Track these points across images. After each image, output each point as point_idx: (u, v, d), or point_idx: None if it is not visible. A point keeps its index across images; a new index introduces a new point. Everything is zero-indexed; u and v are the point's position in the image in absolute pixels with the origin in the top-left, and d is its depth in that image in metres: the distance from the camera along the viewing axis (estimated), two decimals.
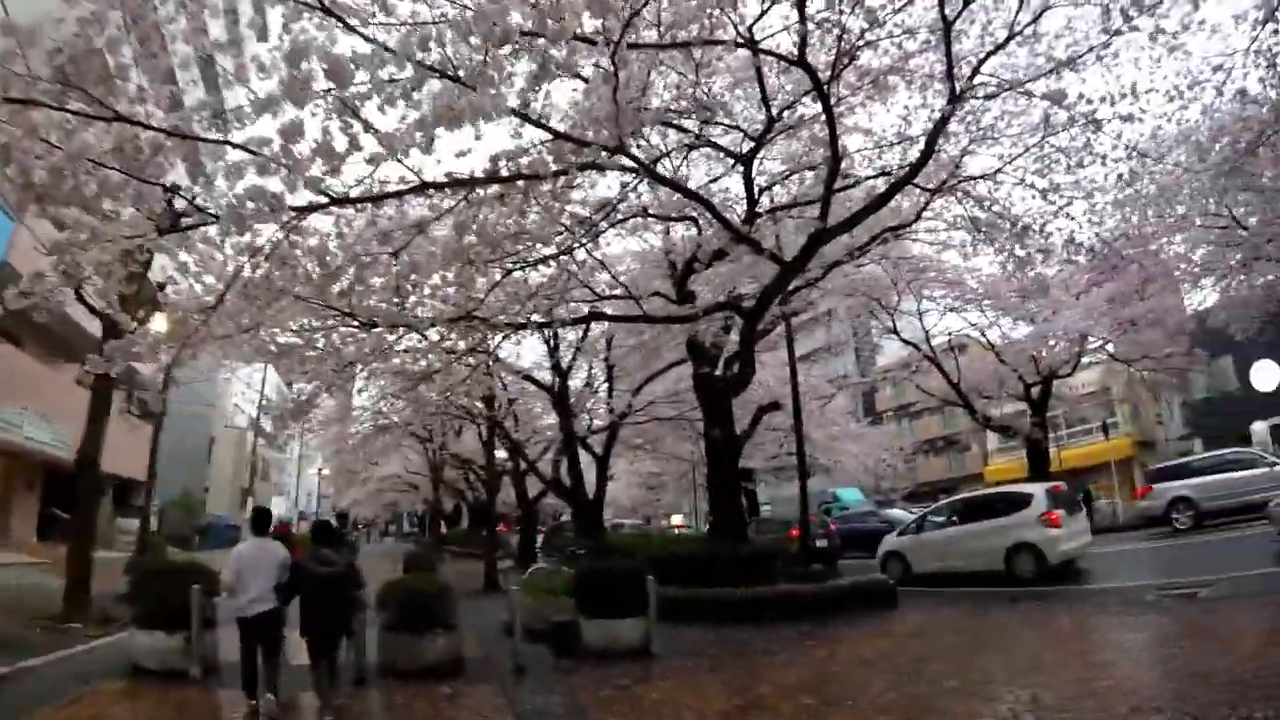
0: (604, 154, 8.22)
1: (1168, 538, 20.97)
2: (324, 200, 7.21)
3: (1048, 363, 27.23)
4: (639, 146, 9.92)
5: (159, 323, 11.82)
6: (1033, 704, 7.43)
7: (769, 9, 10.03)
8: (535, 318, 12.43)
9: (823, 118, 11.20)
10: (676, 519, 59.85)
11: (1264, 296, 21.25)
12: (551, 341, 23.47)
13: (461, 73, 6.06)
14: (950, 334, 29.30)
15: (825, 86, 10.25)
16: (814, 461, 38.55)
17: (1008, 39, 10.86)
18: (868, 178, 14.07)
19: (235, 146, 6.58)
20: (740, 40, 9.70)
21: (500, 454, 34.65)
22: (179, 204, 7.00)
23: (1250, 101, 13.28)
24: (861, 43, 11.00)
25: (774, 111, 11.45)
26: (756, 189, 13.82)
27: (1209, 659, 8.52)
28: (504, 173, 7.79)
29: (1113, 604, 13.28)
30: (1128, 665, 8.85)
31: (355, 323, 10.13)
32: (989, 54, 11.08)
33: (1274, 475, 20.01)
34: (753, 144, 12.01)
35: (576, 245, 12.02)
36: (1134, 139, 12.86)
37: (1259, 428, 30.15)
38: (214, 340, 8.72)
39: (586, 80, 8.74)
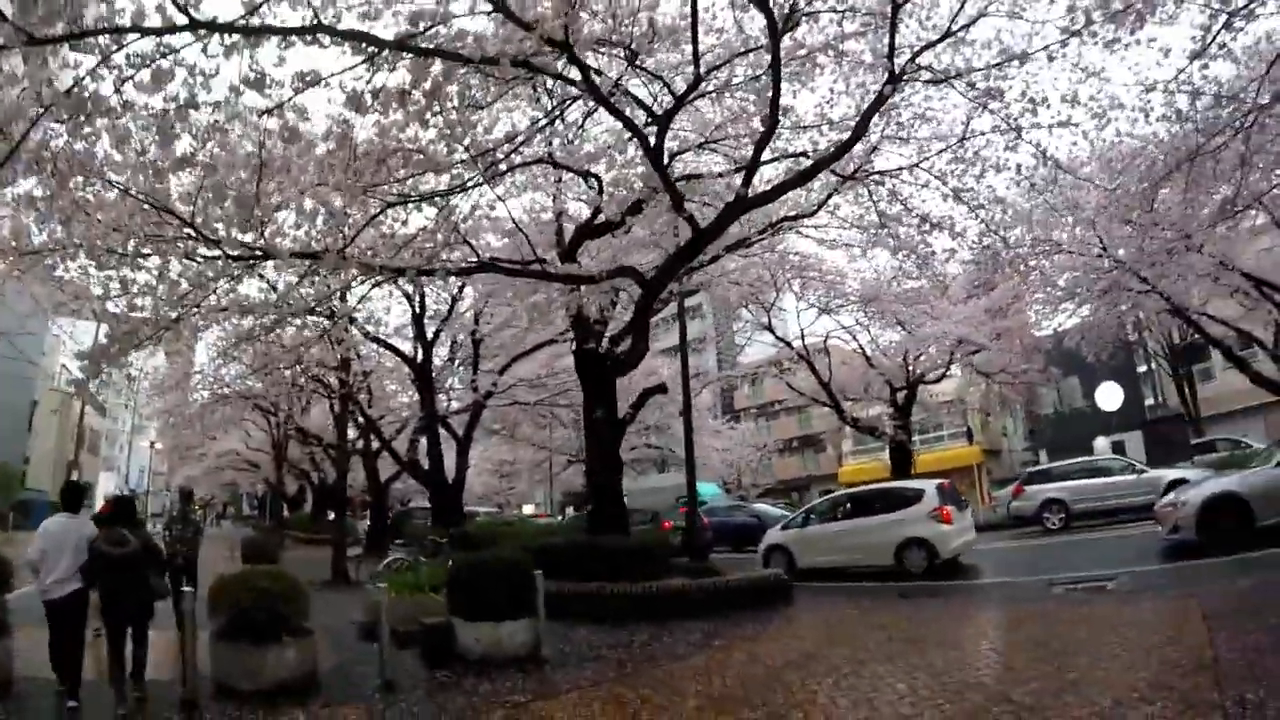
0: (547, 50, 6.88)
1: (1040, 537, 21.47)
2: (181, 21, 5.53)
3: (918, 369, 28.20)
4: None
5: None
6: (1030, 700, 6.68)
7: None
8: (415, 265, 10.92)
9: (762, 79, 10.34)
10: (528, 508, 58.75)
11: (1118, 324, 23.69)
12: (418, 306, 21.78)
13: None
14: (825, 335, 29.47)
15: (779, 35, 9.22)
16: (671, 455, 38.35)
17: (949, 32, 10.24)
18: (790, 155, 13.21)
19: None
20: None
21: (351, 432, 33.13)
22: None
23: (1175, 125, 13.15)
24: (807, 8, 10.12)
25: (702, 70, 10.36)
26: (668, 153, 12.78)
27: (1164, 647, 8.03)
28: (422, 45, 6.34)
29: (1023, 597, 13.22)
30: (1084, 656, 8.01)
31: (197, 241, 8.36)
32: (931, 44, 10.45)
33: (1139, 482, 21.39)
34: (674, 101, 10.90)
35: (471, 184, 10.62)
36: (1053, 149, 12.47)
37: (1101, 443, 32.26)
38: None
39: None
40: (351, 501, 44.76)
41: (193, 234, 8.08)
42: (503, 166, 10.81)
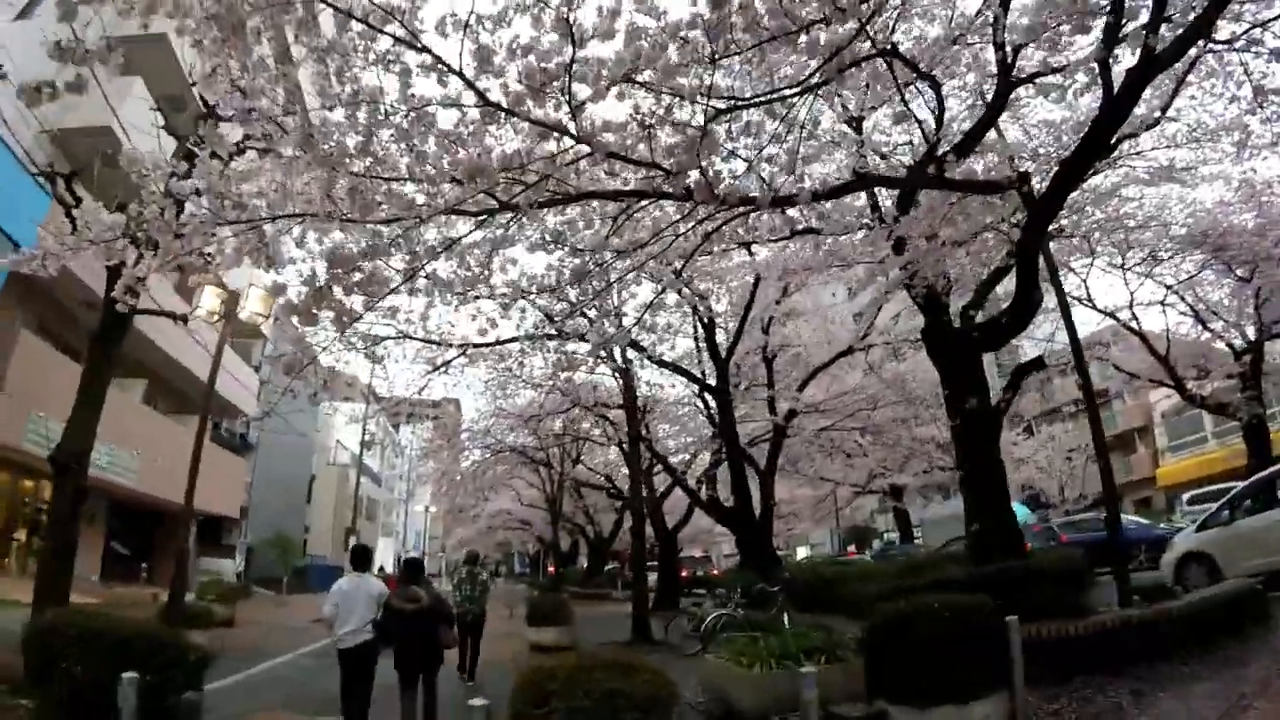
0: None
1: None
2: None
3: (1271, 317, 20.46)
4: None
5: None
6: None
7: None
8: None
9: None
10: (802, 551, 54.54)
11: None
12: (705, 317, 18.67)
13: None
14: (1129, 301, 21.85)
15: None
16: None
17: None
18: None
19: None
20: None
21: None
22: None
23: None
24: None
25: None
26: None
27: None
28: None
29: None
30: None
31: None
32: None
33: None
34: None
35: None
36: None
37: None
38: None
39: None
40: (619, 554, 43.20)
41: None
42: None
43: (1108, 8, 6.67)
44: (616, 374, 18.17)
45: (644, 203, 8.06)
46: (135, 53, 8.93)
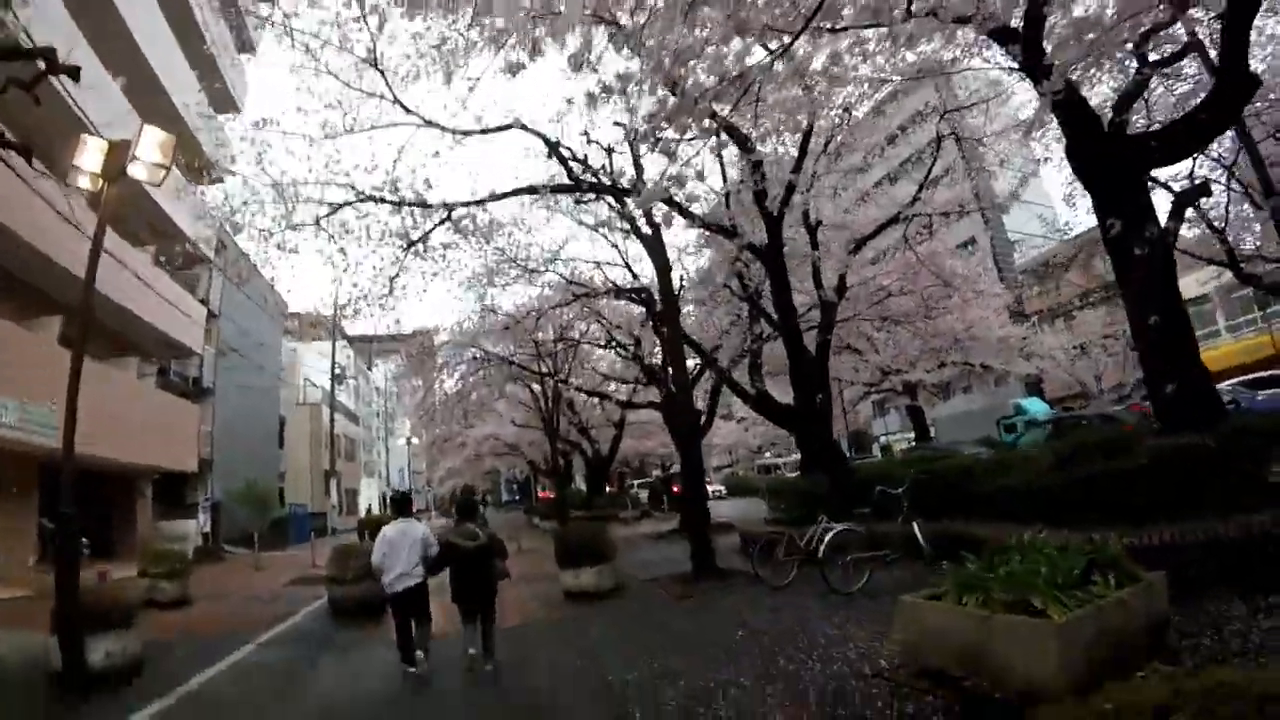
0: None
1: None
2: None
3: None
4: None
5: None
6: None
7: None
8: None
9: None
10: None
11: None
12: (750, 163, 14.94)
13: None
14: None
15: None
16: (975, 371, 30.43)
17: None
18: None
19: None
20: None
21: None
22: None
23: None
24: None
25: None
26: None
27: None
28: None
29: None
30: None
31: None
32: None
33: None
34: None
35: None
36: None
37: None
38: None
39: None
40: (610, 475, 40.79)
41: None
42: None
43: None
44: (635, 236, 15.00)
45: None
46: None
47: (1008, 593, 5.04)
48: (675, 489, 36.94)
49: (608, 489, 41.40)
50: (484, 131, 13.03)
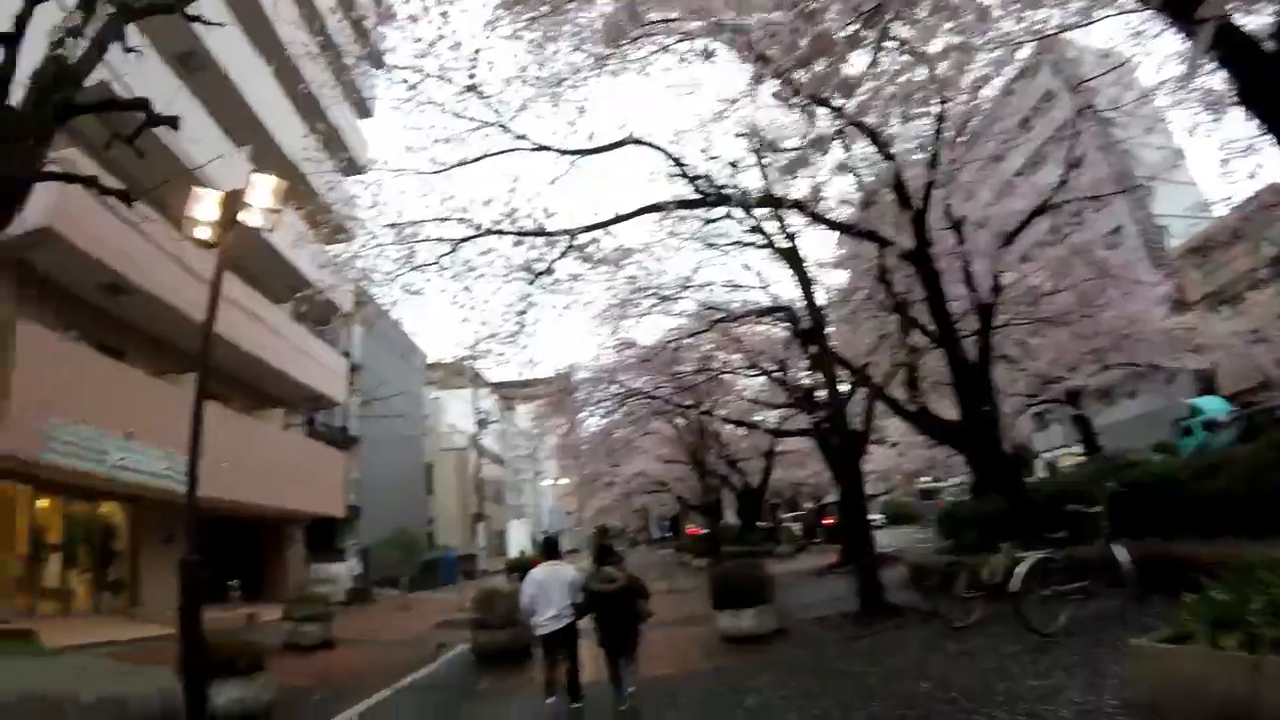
0: None
1: None
2: None
3: None
4: None
5: None
6: None
7: None
8: None
9: None
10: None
11: None
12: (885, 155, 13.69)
13: None
14: None
15: None
16: (1140, 372, 27.86)
17: None
18: None
19: None
20: None
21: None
22: None
23: None
24: None
25: None
26: None
27: None
28: None
29: None
30: None
31: None
32: None
33: None
34: None
35: None
36: None
37: None
38: None
39: None
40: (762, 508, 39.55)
41: None
42: None
43: None
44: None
45: None
46: None
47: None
48: (828, 521, 35.40)
49: (759, 523, 40.01)
50: (597, 150, 12.40)
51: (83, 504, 19.93)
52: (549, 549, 9.41)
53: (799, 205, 11.98)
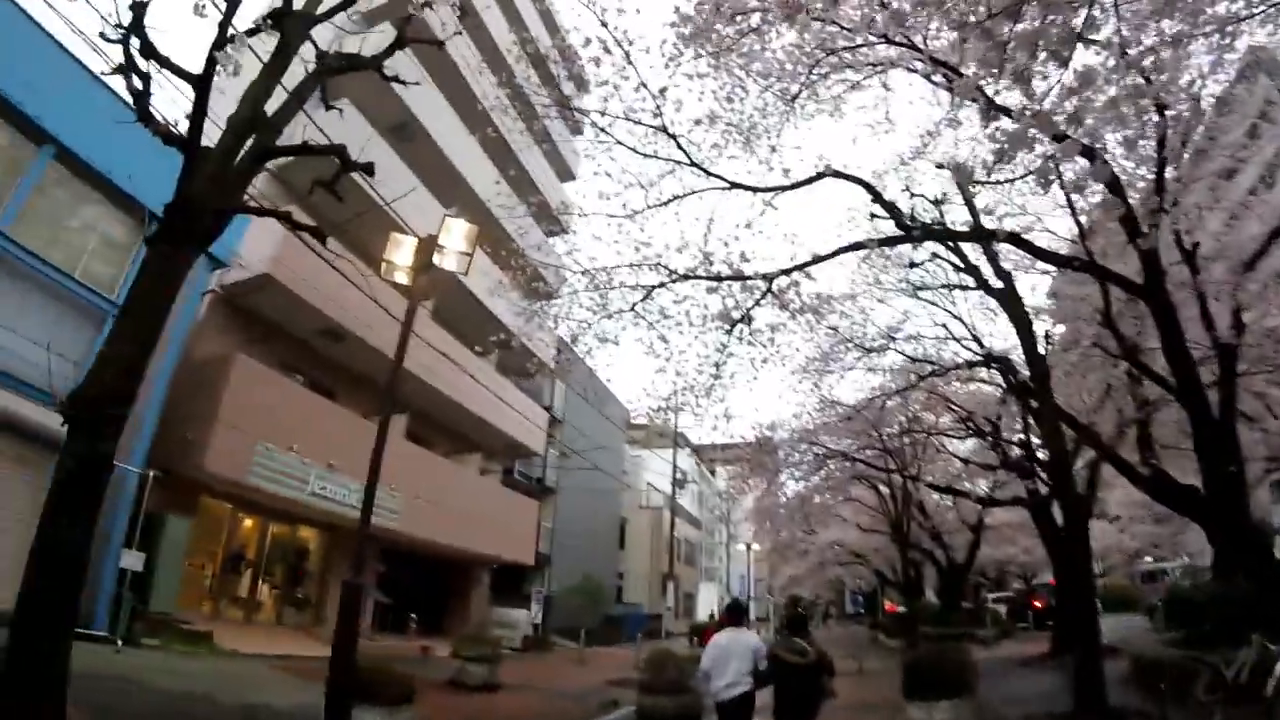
0: None
1: None
2: None
3: None
4: None
5: None
6: None
7: None
8: None
9: None
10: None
11: None
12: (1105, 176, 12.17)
13: None
14: None
15: None
16: None
17: None
18: None
19: None
20: None
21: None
22: None
23: None
24: None
25: None
26: None
27: None
28: None
29: None
30: None
31: None
32: None
33: None
34: None
35: None
36: None
37: None
38: None
39: None
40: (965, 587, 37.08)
41: None
42: None
43: None
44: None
45: None
46: None
47: None
48: (1038, 604, 32.89)
49: (963, 603, 37.38)
50: (793, 186, 11.77)
51: (282, 525, 22.07)
52: (734, 614, 9.24)
53: (1014, 238, 10.82)
